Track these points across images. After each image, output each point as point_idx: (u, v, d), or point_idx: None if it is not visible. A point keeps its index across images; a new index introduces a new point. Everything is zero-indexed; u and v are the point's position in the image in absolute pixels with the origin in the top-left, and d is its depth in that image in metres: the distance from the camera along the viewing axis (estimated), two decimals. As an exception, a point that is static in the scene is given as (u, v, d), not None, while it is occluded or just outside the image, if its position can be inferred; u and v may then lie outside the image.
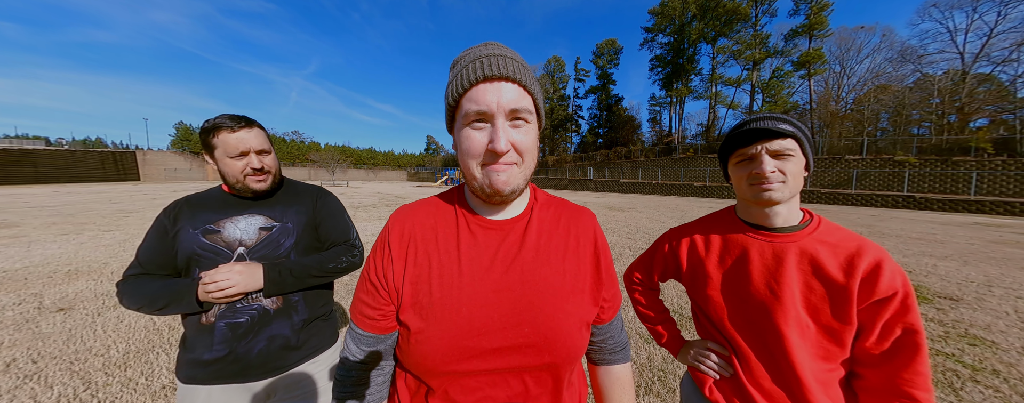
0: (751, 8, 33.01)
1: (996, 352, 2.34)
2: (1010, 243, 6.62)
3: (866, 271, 0.58)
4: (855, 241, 0.62)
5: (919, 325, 0.57)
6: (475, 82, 0.44)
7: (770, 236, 0.67)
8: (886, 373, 0.58)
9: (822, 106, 29.75)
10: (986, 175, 16.22)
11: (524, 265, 0.49)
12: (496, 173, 0.45)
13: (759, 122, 0.64)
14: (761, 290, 0.66)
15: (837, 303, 0.60)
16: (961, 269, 4.56)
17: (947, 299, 3.39)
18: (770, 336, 0.64)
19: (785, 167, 0.62)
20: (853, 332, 0.60)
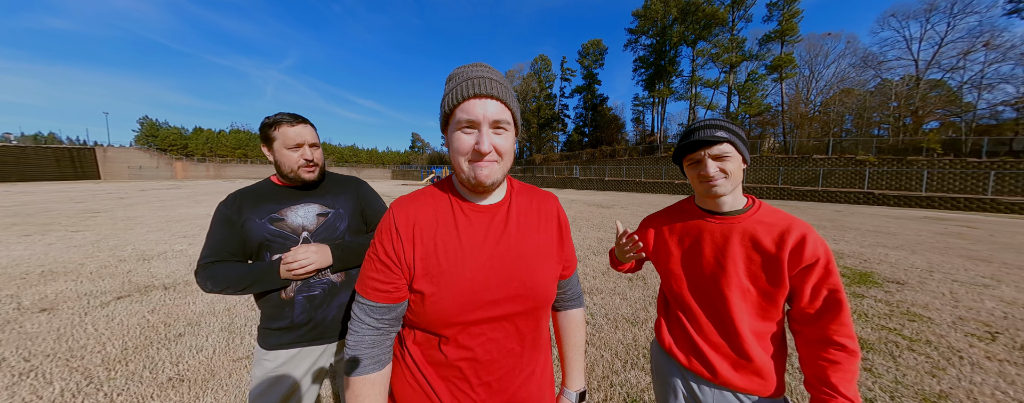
0: (728, 13, 34.32)
1: (930, 326, 2.69)
2: (953, 235, 7.34)
3: (793, 244, 0.74)
4: (786, 220, 0.77)
5: (840, 286, 0.73)
6: (467, 97, 0.57)
7: (720, 219, 0.83)
8: (820, 327, 0.74)
9: (793, 108, 31.38)
10: (935, 173, 17.67)
11: (510, 238, 0.64)
12: (480, 168, 0.59)
13: (701, 132, 0.78)
14: (711, 263, 0.82)
15: (771, 271, 0.76)
16: (908, 257, 5.06)
17: (894, 283, 3.80)
18: (718, 300, 0.81)
19: (725, 166, 0.77)
20: (785, 294, 0.76)
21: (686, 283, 0.87)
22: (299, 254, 0.93)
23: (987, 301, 3.26)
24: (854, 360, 0.71)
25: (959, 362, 2.14)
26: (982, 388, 1.87)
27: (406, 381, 0.65)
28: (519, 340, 0.64)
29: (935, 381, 1.93)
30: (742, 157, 0.79)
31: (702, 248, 0.84)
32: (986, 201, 14.56)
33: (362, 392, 0.61)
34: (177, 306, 2.97)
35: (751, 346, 0.78)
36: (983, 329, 2.64)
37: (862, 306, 3.08)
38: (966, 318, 2.85)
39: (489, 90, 0.57)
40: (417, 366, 0.64)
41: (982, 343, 2.41)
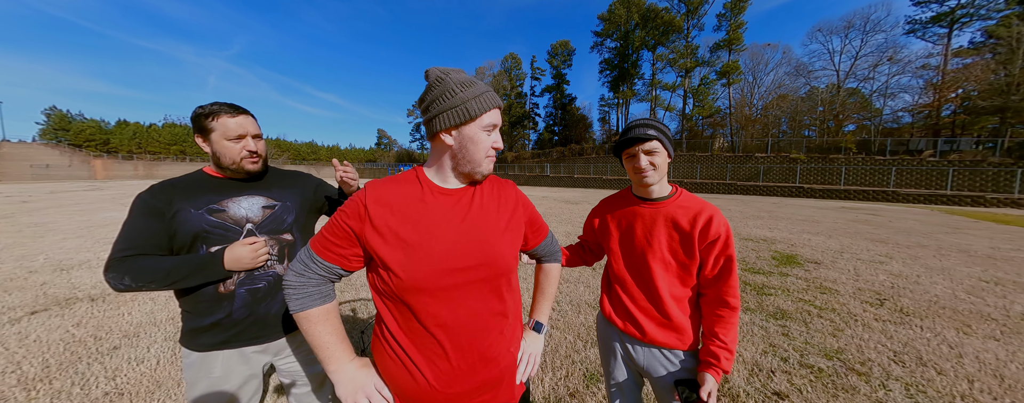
0: (684, 21, 36.81)
1: (836, 297, 3.18)
2: (862, 221, 8.58)
3: (702, 224, 0.91)
4: (699, 205, 0.93)
5: (734, 255, 0.91)
6: (496, 106, 0.73)
7: (649, 205, 0.98)
8: (715, 289, 0.92)
9: (739, 111, 34.50)
10: (851, 169, 20.43)
11: (474, 217, 0.74)
12: (491, 162, 0.75)
13: (636, 130, 0.91)
14: (642, 241, 0.98)
15: (686, 246, 0.93)
16: (826, 241, 5.87)
17: (813, 263, 4.40)
18: (646, 272, 0.97)
19: (654, 161, 0.91)
20: (697, 265, 0.93)
21: (622, 259, 1.02)
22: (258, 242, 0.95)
23: (881, 275, 3.90)
24: (734, 314, 0.90)
25: (854, 324, 2.58)
26: (868, 343, 2.28)
27: (388, 354, 0.72)
28: (484, 304, 0.73)
29: (835, 340, 2.32)
30: (667, 152, 0.94)
31: (635, 229, 1.00)
32: (889, 192, 17.13)
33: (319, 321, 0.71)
34: (109, 318, 2.69)
35: (671, 308, 0.94)
36: (875, 297, 3.18)
37: (786, 283, 3.56)
38: (863, 289, 3.40)
39: (500, 103, 0.74)
40: (396, 339, 0.71)
41: (872, 308, 2.90)
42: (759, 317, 2.68)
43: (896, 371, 1.95)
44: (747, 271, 3.98)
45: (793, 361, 2.04)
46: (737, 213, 10.08)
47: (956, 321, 2.65)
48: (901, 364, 2.03)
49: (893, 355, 2.13)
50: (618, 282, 1.03)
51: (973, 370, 1.97)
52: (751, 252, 4.98)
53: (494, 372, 0.74)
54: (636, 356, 0.99)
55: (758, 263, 4.36)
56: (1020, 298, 3.17)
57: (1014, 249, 5.39)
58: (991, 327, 2.55)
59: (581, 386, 1.83)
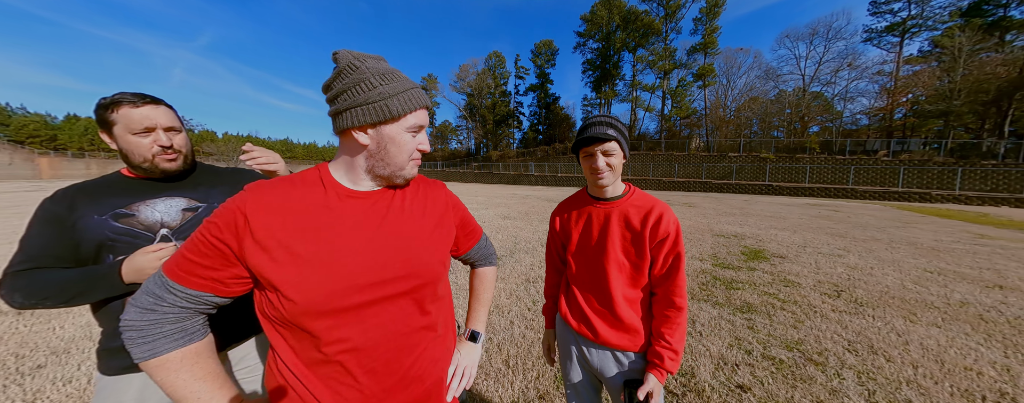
0: (662, 24, 37.84)
1: (799, 290, 3.32)
2: (824, 217, 9.10)
3: (653, 222, 0.89)
4: (650, 203, 0.91)
5: (682, 253, 0.90)
6: (422, 106, 0.64)
7: (603, 204, 0.96)
8: (664, 288, 0.91)
9: (713, 112, 35.90)
10: (815, 168, 21.69)
11: (392, 223, 0.65)
12: (416, 166, 0.68)
13: (595, 128, 0.86)
14: (597, 241, 0.95)
15: (638, 245, 0.91)
16: (791, 236, 6.16)
17: (778, 257, 4.60)
18: (600, 273, 0.95)
19: (611, 162, 0.87)
20: (648, 264, 0.92)
21: (579, 259, 0.99)
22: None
23: (839, 267, 4.12)
24: (681, 315, 0.89)
25: (814, 315, 2.70)
26: (825, 333, 2.38)
27: (284, 390, 0.60)
28: (406, 320, 0.64)
29: (795, 331, 2.41)
30: (623, 153, 0.90)
31: (591, 229, 0.97)
32: (848, 190, 18.32)
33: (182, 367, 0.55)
34: (36, 333, 2.42)
35: (623, 310, 0.92)
36: (833, 289, 3.34)
37: (753, 277, 3.69)
38: (823, 281, 3.58)
39: (428, 102, 0.66)
40: (292, 371, 0.59)
41: (830, 299, 3.05)
42: (727, 311, 2.75)
43: (850, 360, 2.04)
44: (718, 266, 4.11)
45: (757, 353, 2.10)
46: (711, 210, 10.46)
47: (904, 310, 2.83)
48: (854, 353, 2.12)
49: (847, 344, 2.23)
50: (575, 283, 1.01)
51: (918, 356, 2.10)
52: (722, 248, 5.15)
53: (417, 392, 0.66)
54: (590, 358, 0.96)
55: (728, 258, 4.51)
56: (959, 287, 3.43)
57: (954, 241, 5.86)
58: (934, 315, 2.73)
59: (552, 387, 1.80)
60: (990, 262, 4.46)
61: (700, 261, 4.36)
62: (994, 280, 3.66)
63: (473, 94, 54.00)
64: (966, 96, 24.00)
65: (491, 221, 7.69)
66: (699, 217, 8.79)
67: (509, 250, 4.92)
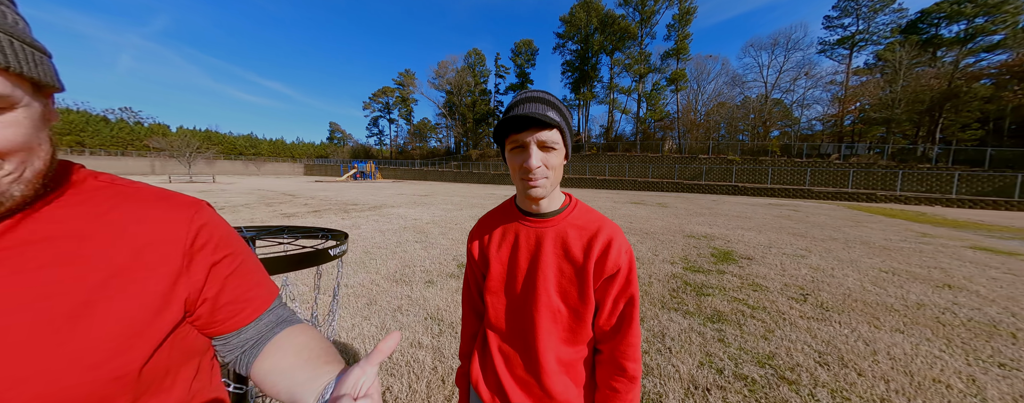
0: (638, 29, 38.91)
1: (767, 294, 3.25)
2: (785, 217, 9.50)
3: (599, 251, 0.61)
4: (596, 223, 0.64)
5: (636, 297, 0.63)
6: None
7: (534, 222, 0.67)
8: (611, 347, 0.64)
9: (685, 115, 37.38)
10: (776, 170, 23.01)
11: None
12: None
13: (530, 105, 0.57)
14: (525, 278, 0.66)
15: (580, 284, 0.63)
16: (757, 236, 6.28)
17: (746, 259, 4.60)
18: (526, 323, 0.65)
19: (550, 160, 0.58)
20: (592, 311, 0.64)
21: (500, 302, 0.69)
22: None
23: (803, 269, 4.15)
24: (633, 388, 0.62)
25: (783, 323, 2.59)
26: (796, 344, 2.26)
27: None
28: None
29: (766, 343, 2.27)
30: (566, 150, 0.62)
31: (518, 258, 0.67)
32: (805, 190, 19.55)
33: None
34: None
35: (553, 379, 0.63)
36: (799, 292, 3.30)
37: (723, 282, 3.60)
38: (789, 284, 3.54)
39: None
40: None
41: (798, 304, 2.98)
42: (697, 322, 2.59)
43: (822, 376, 1.90)
44: (688, 270, 4.00)
45: (728, 373, 1.92)
46: (683, 210, 10.65)
47: (867, 314, 2.79)
48: (826, 367, 2.00)
49: (818, 356, 2.11)
50: (494, 334, 0.70)
51: (887, 368, 2.00)
52: (693, 250, 5.10)
53: None
54: None
55: (699, 261, 4.44)
56: (913, 287, 3.50)
57: (901, 240, 6.20)
58: (895, 319, 2.71)
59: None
60: (935, 260, 4.68)
61: (671, 264, 4.25)
62: (942, 279, 3.79)
63: (452, 91, 53.04)
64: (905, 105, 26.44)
65: (464, 223, 7.33)
66: (671, 217, 8.88)
67: (475, 255, 4.60)
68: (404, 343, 2.18)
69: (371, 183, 28.67)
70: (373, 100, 63.95)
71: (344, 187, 21.14)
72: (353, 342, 2.19)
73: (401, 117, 64.15)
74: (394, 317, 2.57)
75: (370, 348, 2.11)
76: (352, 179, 35.40)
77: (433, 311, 2.69)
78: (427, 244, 5.17)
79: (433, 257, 4.39)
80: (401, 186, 23.80)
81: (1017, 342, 2.34)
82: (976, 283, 3.67)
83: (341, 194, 15.18)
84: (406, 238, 5.61)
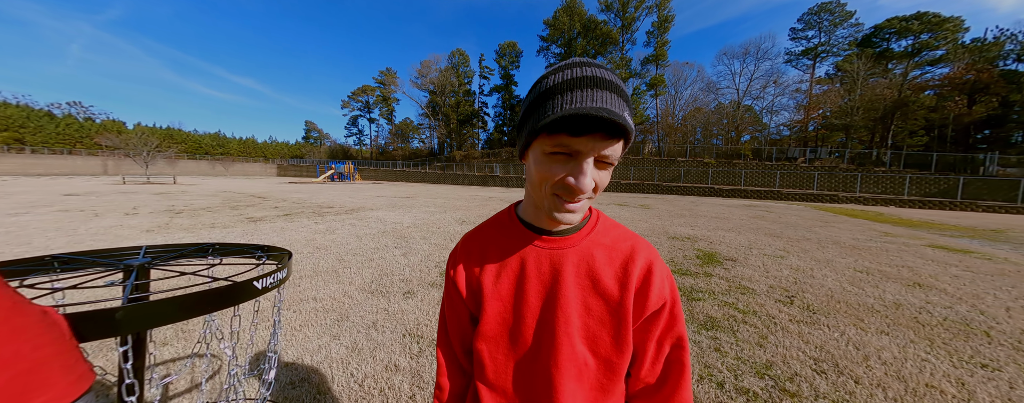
0: (619, 35, 39.91)
1: (755, 297, 3.23)
2: (759, 217, 9.85)
3: (639, 280, 0.46)
4: (629, 241, 0.49)
5: (685, 338, 0.48)
6: None
7: (549, 242, 0.50)
8: (659, 400, 0.48)
9: (664, 120, 38.63)
10: (750, 173, 24.10)
11: None
12: None
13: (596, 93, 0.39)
14: (539, 318, 0.48)
15: (616, 325, 0.46)
16: (737, 237, 6.41)
17: (730, 260, 4.63)
18: (544, 388, 0.47)
19: (600, 177, 0.43)
20: (628, 360, 0.47)
21: (503, 352, 0.49)
22: None
23: (784, 270, 4.21)
24: None
25: (775, 329, 2.55)
26: (791, 351, 2.21)
27: None
28: None
29: (762, 351, 2.20)
30: None
31: (526, 293, 0.48)
32: (775, 192, 20.55)
33: None
34: None
35: None
36: (785, 294, 3.31)
37: (711, 285, 3.57)
38: (775, 286, 3.56)
39: None
40: None
41: (786, 307, 2.97)
42: (692, 330, 2.50)
43: (822, 386, 1.84)
44: (677, 273, 3.96)
45: (729, 386, 1.82)
46: (665, 212, 10.84)
47: (851, 316, 2.81)
48: (824, 375, 1.94)
49: (814, 364, 2.06)
50: (491, 393, 0.50)
51: (881, 374, 1.97)
52: (679, 252, 5.11)
53: None
54: None
55: (686, 263, 4.42)
56: (888, 287, 3.61)
57: (868, 240, 6.51)
58: (878, 320, 2.73)
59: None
60: (901, 259, 4.90)
61: (659, 267, 4.21)
62: (912, 278, 3.94)
63: (436, 92, 52.22)
64: (862, 113, 28.50)
65: (447, 227, 7.05)
66: (655, 219, 8.98)
67: (459, 260, 4.37)
68: (378, 367, 1.94)
69: (349, 184, 27.59)
70: (352, 98, 61.90)
71: (320, 189, 20.18)
72: (319, 366, 1.93)
73: (382, 116, 62.47)
74: (368, 335, 2.31)
75: (339, 373, 1.86)
76: (329, 180, 33.98)
77: (412, 326, 2.45)
78: (407, 250, 4.88)
79: (413, 264, 4.13)
80: (382, 188, 23.01)
81: (992, 341, 2.40)
82: (941, 281, 3.84)
83: (316, 196, 14.43)
84: (384, 243, 5.29)
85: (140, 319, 0.60)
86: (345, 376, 1.83)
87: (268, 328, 2.27)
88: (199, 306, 0.67)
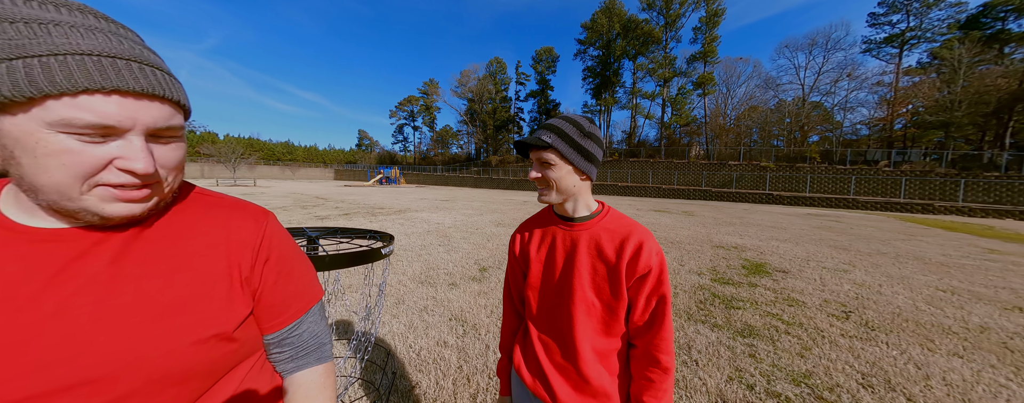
0: (662, 33, 38.13)
1: (804, 310, 3.07)
2: (826, 228, 8.86)
3: (631, 253, 0.68)
4: (627, 228, 0.71)
5: (668, 295, 0.68)
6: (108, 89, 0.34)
7: (569, 225, 0.76)
8: (645, 341, 0.69)
9: (713, 120, 35.92)
10: (816, 178, 21.50)
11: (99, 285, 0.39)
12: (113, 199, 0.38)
13: (537, 130, 0.71)
14: (561, 274, 0.74)
15: (613, 281, 0.69)
16: (793, 248, 5.92)
17: (780, 272, 4.36)
18: (564, 315, 0.73)
19: (548, 174, 0.70)
20: (625, 306, 0.70)
21: (539, 296, 0.78)
22: None
23: (845, 284, 3.88)
24: (667, 377, 0.69)
25: (821, 341, 2.45)
26: (836, 364, 2.13)
27: None
28: None
29: (803, 361, 2.16)
30: (574, 167, 0.69)
31: (555, 257, 0.76)
32: (849, 200, 18.09)
33: None
34: None
35: (590, 368, 0.70)
36: (840, 309, 3.10)
37: (755, 295, 3.44)
38: (830, 300, 3.33)
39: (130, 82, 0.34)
40: None
41: (839, 322, 2.80)
42: (726, 335, 2.50)
43: (866, 398, 1.79)
44: (717, 282, 3.86)
45: (760, 389, 1.85)
46: (710, 219, 10.22)
47: (919, 335, 2.58)
48: (870, 389, 1.87)
49: (862, 378, 1.98)
50: (533, 325, 0.79)
51: (941, 394, 1.85)
52: (722, 261, 4.90)
53: None
54: None
55: (728, 273, 4.26)
56: (976, 308, 3.18)
57: (963, 256, 5.61)
58: (953, 342, 2.48)
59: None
60: (1004, 280, 4.21)
61: (698, 275, 4.11)
62: (1012, 301, 3.41)
63: (474, 99, 54.29)
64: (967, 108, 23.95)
65: (483, 229, 7.45)
66: (698, 227, 8.55)
67: (498, 261, 4.67)
68: (430, 342, 2.28)
69: (396, 188, 29.74)
70: (399, 108, 66.69)
71: (371, 191, 22.06)
72: (384, 337, 2.32)
73: (425, 124, 66.38)
74: (421, 317, 2.69)
75: (400, 345, 2.23)
76: (378, 184, 36.85)
77: (457, 313, 2.78)
78: (450, 248, 5.31)
79: (455, 261, 4.51)
80: (424, 191, 24.50)
81: (1105, 375, 2.08)
82: (1055, 307, 3.28)
83: (368, 198, 15.86)
84: (430, 241, 5.80)
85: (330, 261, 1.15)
86: (405, 347, 2.20)
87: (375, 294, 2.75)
88: (352, 260, 1.18)
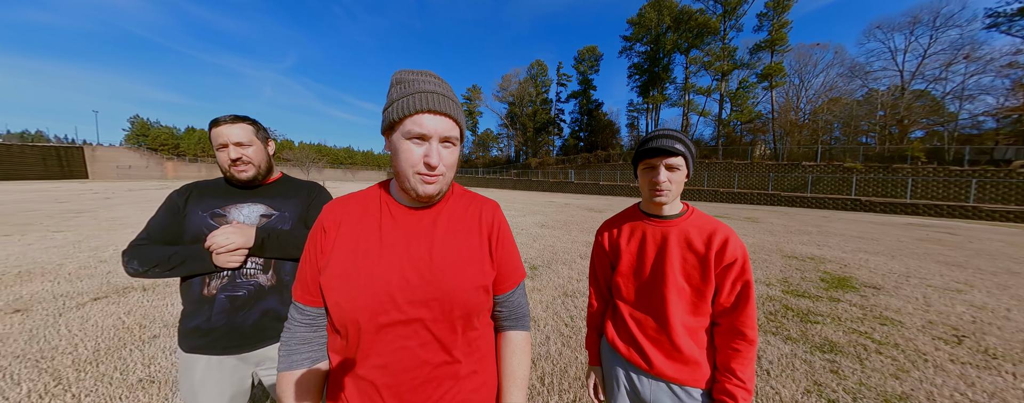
0: (720, 22, 35.05)
1: (900, 330, 2.76)
2: (933, 240, 7.52)
3: (718, 245, 0.82)
4: (713, 225, 0.86)
5: (751, 281, 0.81)
6: (421, 111, 0.58)
7: (659, 222, 0.90)
8: (730, 319, 0.83)
9: (783, 116, 31.98)
10: (920, 181, 18.09)
11: (433, 242, 0.64)
12: (427, 184, 0.61)
13: (661, 140, 0.83)
14: (653, 263, 0.89)
15: (702, 269, 0.84)
16: (887, 263, 5.18)
17: (870, 287, 3.89)
18: (657, 296, 0.88)
19: (674, 177, 0.83)
20: (712, 290, 0.84)
21: (632, 282, 0.94)
22: (218, 235, 0.92)
23: (958, 306, 3.35)
24: (752, 348, 0.81)
25: (924, 364, 2.21)
26: (942, 390, 1.93)
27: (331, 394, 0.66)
28: (435, 349, 0.62)
29: (898, 383, 1.99)
30: (688, 170, 0.86)
31: (646, 249, 0.92)
32: (968, 208, 14.92)
33: (288, 386, 0.62)
34: (155, 308, 2.94)
35: (682, 339, 0.85)
36: (951, 333, 2.72)
37: (836, 310, 3.15)
38: (936, 322, 2.93)
39: (442, 108, 0.60)
40: (337, 380, 0.64)
41: (948, 346, 2.48)
42: (802, 348, 2.38)
43: (980, 428, 1.62)
44: (789, 294, 3.59)
45: (844, 405, 1.77)
46: (780, 227, 9.24)
47: (1062, 370, 2.19)
48: (987, 420, 1.69)
49: (975, 407, 1.78)
50: (625, 305, 0.95)
51: (1089, 436, 1.59)
52: (795, 272, 4.50)
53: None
54: (642, 389, 0.90)
55: (803, 285, 3.92)
56: None
57: None
58: (1113, 381, 2.07)
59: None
60: None
61: (767, 286, 3.85)
62: None
63: (514, 103, 55.05)
64: None
65: (528, 229, 7.65)
66: (764, 234, 7.82)
67: (546, 261, 4.84)
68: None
69: (442, 189, 31.22)
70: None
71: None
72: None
73: (467, 129, 68.75)
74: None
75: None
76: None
77: (519, 307, 3.01)
78: (502, 248, 5.60)
79: (510, 260, 4.77)
80: (469, 192, 25.46)
81: None
82: None
83: (420, 199, 17.00)
84: (483, 241, 6.15)
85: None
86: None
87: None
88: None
